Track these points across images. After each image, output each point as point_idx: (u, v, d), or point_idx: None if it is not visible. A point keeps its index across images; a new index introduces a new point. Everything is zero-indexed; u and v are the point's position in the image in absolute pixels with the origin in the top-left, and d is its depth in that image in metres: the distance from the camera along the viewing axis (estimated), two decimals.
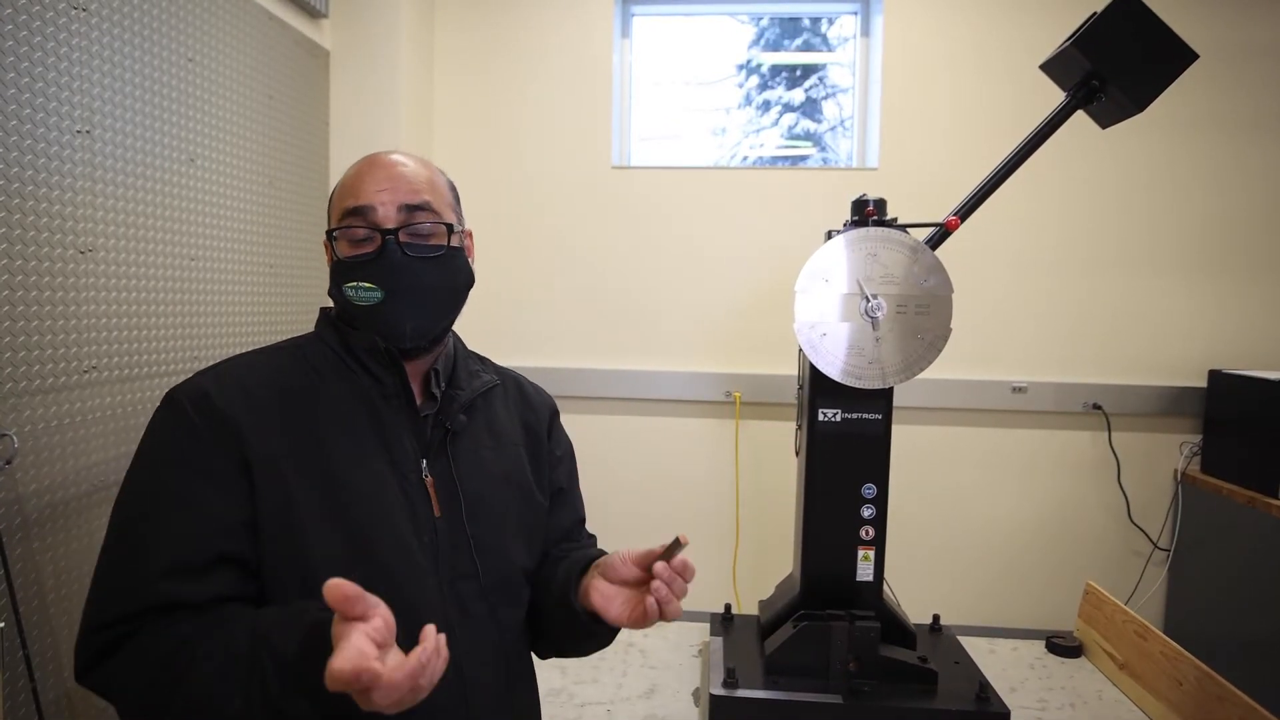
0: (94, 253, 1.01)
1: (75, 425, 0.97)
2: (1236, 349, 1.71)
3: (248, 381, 0.64)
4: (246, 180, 1.34)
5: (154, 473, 0.61)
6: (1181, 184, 1.71)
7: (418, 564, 0.64)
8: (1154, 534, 1.74)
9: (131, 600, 0.57)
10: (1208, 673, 0.93)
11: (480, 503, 0.69)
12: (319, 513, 0.61)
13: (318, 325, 0.72)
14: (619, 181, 1.80)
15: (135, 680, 0.56)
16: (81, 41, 0.98)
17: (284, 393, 0.64)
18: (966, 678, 1.01)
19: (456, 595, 0.66)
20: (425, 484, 0.66)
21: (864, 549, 1.06)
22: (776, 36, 1.94)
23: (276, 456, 0.61)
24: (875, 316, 1.01)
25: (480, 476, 0.70)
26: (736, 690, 0.97)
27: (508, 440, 0.75)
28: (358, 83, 1.62)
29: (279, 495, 0.60)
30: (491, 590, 0.68)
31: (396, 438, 0.66)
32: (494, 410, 0.76)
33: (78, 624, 0.60)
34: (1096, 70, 1.05)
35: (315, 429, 0.63)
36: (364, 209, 0.66)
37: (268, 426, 0.62)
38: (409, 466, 0.66)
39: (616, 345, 1.82)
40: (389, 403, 0.67)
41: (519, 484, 0.74)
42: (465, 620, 0.66)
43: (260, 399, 0.63)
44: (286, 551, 0.60)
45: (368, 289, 0.65)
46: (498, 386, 0.78)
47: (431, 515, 0.66)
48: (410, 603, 0.62)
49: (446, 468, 0.68)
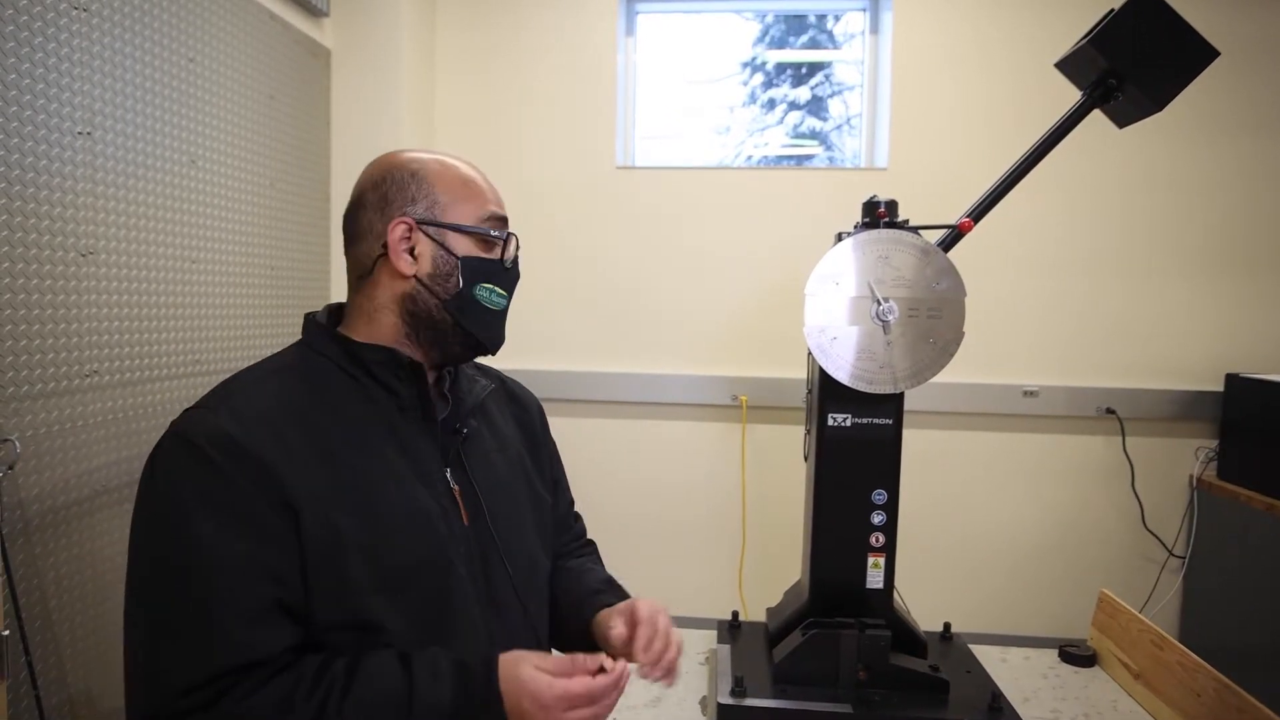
0: (95, 255, 1.00)
1: (77, 429, 0.97)
2: (1254, 352, 1.68)
3: (267, 414, 0.60)
4: (248, 181, 1.33)
5: (190, 527, 0.55)
6: (1198, 184, 1.68)
7: (459, 575, 0.64)
8: (1169, 541, 1.71)
9: (205, 665, 0.53)
10: (1226, 684, 0.91)
11: (499, 506, 0.69)
12: (364, 540, 0.59)
13: (309, 337, 0.68)
14: (623, 182, 1.79)
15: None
16: (82, 42, 0.97)
17: (304, 420, 0.61)
18: (978, 687, 1.00)
19: (493, 599, 0.67)
20: (453, 493, 0.66)
21: (874, 556, 1.05)
22: (782, 33, 1.92)
23: (317, 492, 0.58)
24: (886, 320, 1.00)
25: (494, 480, 0.70)
26: (744, 699, 0.96)
27: (509, 442, 0.76)
28: (359, 82, 1.61)
29: (327, 530, 0.58)
30: (521, 590, 0.69)
31: (418, 450, 0.65)
32: (491, 413, 0.76)
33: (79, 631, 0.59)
34: (1114, 69, 1.03)
35: (343, 454, 0.61)
36: (504, 219, 0.68)
37: (301, 460, 0.58)
38: (435, 477, 0.66)
39: (620, 348, 1.80)
40: (405, 415, 0.65)
41: (526, 484, 0.75)
42: (503, 622, 0.67)
43: (285, 432, 0.59)
44: (340, 588, 0.58)
45: (501, 294, 0.67)
46: (492, 390, 0.78)
47: (462, 524, 0.66)
48: (456, 611, 0.63)
49: (465, 475, 0.68)
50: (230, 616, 0.55)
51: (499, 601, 0.67)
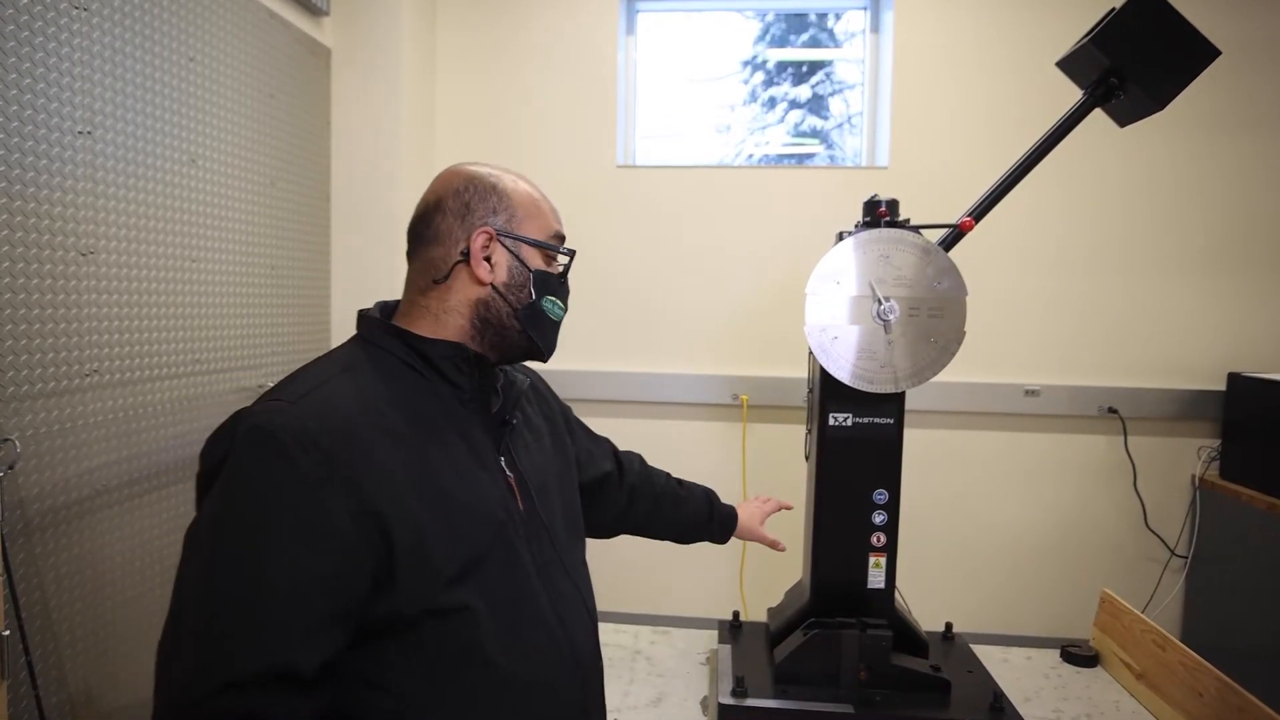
0: (95, 254, 1.00)
1: (77, 429, 0.97)
2: (1257, 351, 1.68)
3: (347, 412, 0.61)
4: (248, 180, 1.33)
5: (262, 527, 0.56)
6: (1201, 182, 1.68)
7: (522, 556, 0.68)
8: (1171, 541, 1.71)
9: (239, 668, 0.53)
10: (1229, 684, 0.91)
11: (544, 491, 0.74)
12: (441, 530, 0.62)
13: (367, 332, 0.70)
14: (624, 181, 1.79)
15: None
16: (82, 41, 0.97)
17: (381, 417, 0.62)
18: (980, 687, 1.00)
19: (550, 580, 0.70)
20: (508, 480, 0.71)
21: (875, 556, 1.05)
22: (783, 32, 1.92)
23: (397, 488, 0.60)
24: (887, 320, 0.99)
25: (536, 467, 0.75)
26: (745, 699, 0.96)
27: (541, 433, 0.81)
28: (360, 81, 1.60)
29: (411, 527, 0.60)
30: (571, 570, 0.74)
31: (479, 440, 0.69)
32: (524, 408, 0.80)
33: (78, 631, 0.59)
34: (1115, 67, 1.03)
35: (416, 448, 0.63)
36: (564, 237, 0.74)
37: (379, 459, 0.60)
38: (493, 465, 0.70)
39: (621, 347, 1.80)
40: (467, 407, 0.69)
41: (559, 471, 0.81)
42: (561, 600, 0.71)
43: (364, 431, 0.60)
44: (422, 577, 0.60)
45: (561, 308, 0.73)
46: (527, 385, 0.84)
47: (519, 508, 0.70)
48: (521, 593, 0.67)
49: (515, 462, 0.73)
50: (281, 625, 0.55)
51: (553, 579, 0.71)
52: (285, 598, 0.55)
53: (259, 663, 0.53)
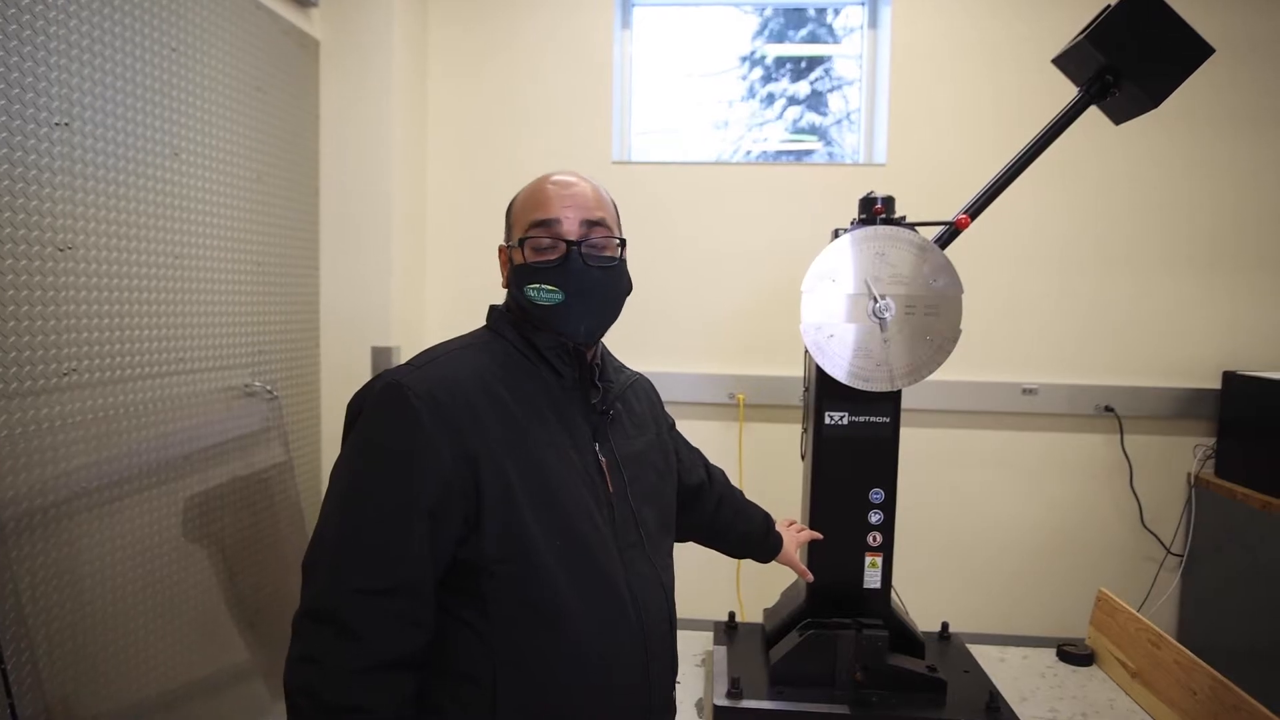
0: (74, 250, 0.97)
1: (54, 430, 0.94)
2: (1252, 350, 1.68)
3: (461, 380, 0.72)
4: (233, 175, 1.30)
5: (385, 463, 0.68)
6: (1196, 181, 1.68)
7: (603, 533, 0.74)
8: (1167, 539, 1.71)
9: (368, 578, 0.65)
10: (1223, 682, 0.91)
11: (637, 479, 0.80)
12: (530, 493, 0.70)
13: (493, 323, 0.82)
14: (619, 177, 1.77)
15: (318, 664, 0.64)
16: (60, 30, 0.94)
17: (488, 389, 0.73)
18: (976, 687, 1.00)
19: (631, 560, 0.76)
20: (600, 463, 0.77)
21: (871, 555, 1.04)
22: (781, 27, 1.91)
23: (495, 448, 0.69)
24: (883, 318, 0.99)
25: (634, 457, 0.81)
26: (741, 701, 0.96)
27: (646, 427, 0.87)
28: (349, 74, 1.58)
29: (501, 481, 0.69)
30: (651, 551, 0.79)
31: (576, 424, 0.76)
32: (630, 402, 0.87)
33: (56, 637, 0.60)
34: (1110, 65, 1.03)
35: (517, 420, 0.72)
36: (550, 221, 0.77)
37: (483, 422, 0.70)
38: (587, 448, 0.77)
39: (616, 346, 1.77)
40: (568, 394, 0.77)
41: (655, 465, 0.86)
42: (640, 584, 0.76)
43: (473, 397, 0.71)
44: (506, 529, 0.69)
45: (550, 291, 0.75)
46: (634, 382, 0.91)
47: (607, 490, 0.77)
48: (600, 567, 0.73)
49: (610, 449, 0.79)
50: (399, 545, 0.66)
51: (634, 560, 0.77)
52: (400, 521, 0.66)
53: (384, 576, 0.65)
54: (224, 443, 1.26)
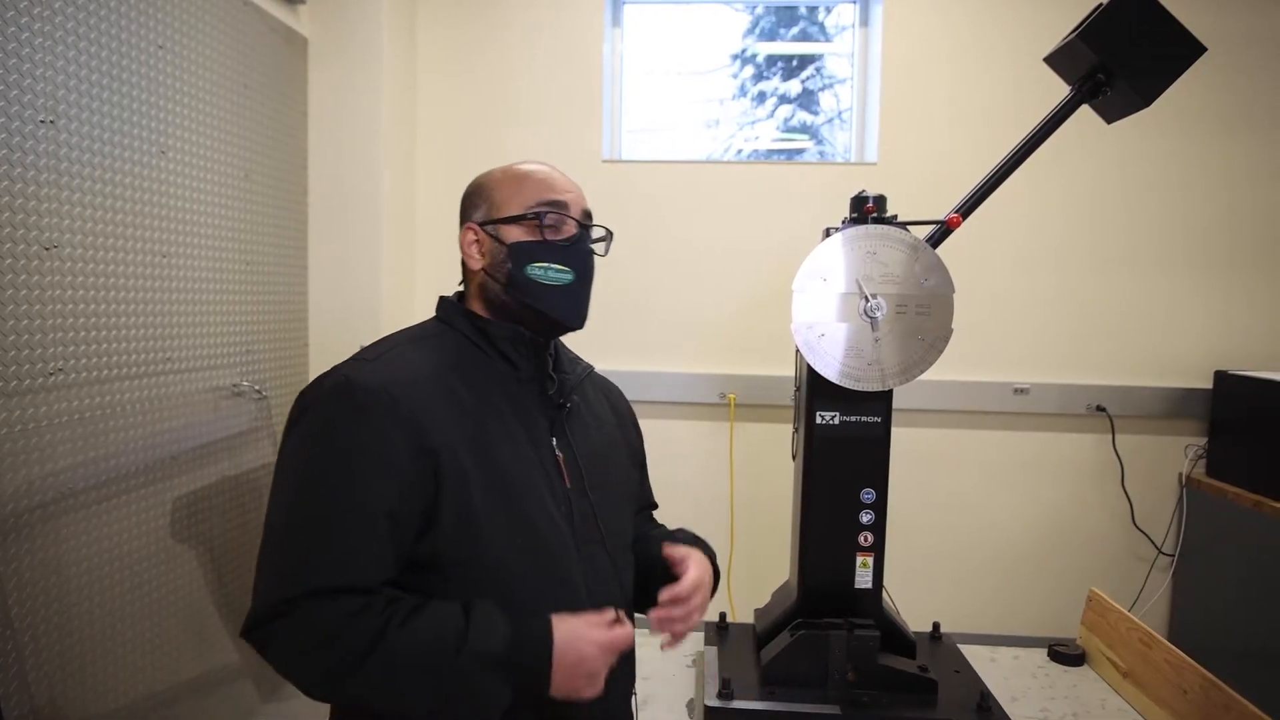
0: (59, 249, 0.96)
1: (40, 430, 0.93)
2: (1243, 350, 1.68)
3: (413, 372, 0.70)
4: (221, 173, 1.29)
5: (335, 460, 0.65)
6: (1187, 181, 1.68)
7: (561, 531, 0.72)
8: (1158, 539, 1.72)
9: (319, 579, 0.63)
10: (1213, 681, 0.91)
11: (596, 474, 0.78)
12: (487, 490, 0.68)
13: (444, 314, 0.78)
14: (609, 175, 1.76)
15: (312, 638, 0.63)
16: (45, 26, 0.93)
17: (441, 382, 0.71)
18: (967, 687, 1.00)
19: (590, 558, 0.74)
20: (557, 458, 0.75)
21: (862, 555, 1.04)
22: (772, 25, 1.90)
23: (452, 443, 0.67)
24: (874, 317, 0.98)
25: (592, 450, 0.79)
26: (732, 701, 0.95)
27: (604, 420, 0.84)
28: (338, 72, 1.57)
29: (457, 476, 0.67)
30: (613, 551, 0.77)
31: (531, 417, 0.74)
32: (588, 394, 0.84)
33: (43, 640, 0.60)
34: (1102, 63, 1.03)
35: (472, 414, 0.70)
36: (563, 203, 0.75)
37: (438, 416, 0.68)
38: (544, 443, 0.74)
39: (606, 345, 1.78)
40: (523, 386, 0.75)
41: (619, 458, 0.84)
42: (598, 581, 0.74)
43: (427, 389, 0.69)
44: (463, 525, 0.67)
45: (560, 270, 0.74)
46: (590, 374, 0.86)
47: (564, 486, 0.74)
48: (559, 566, 0.71)
49: (568, 443, 0.77)
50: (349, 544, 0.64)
51: (593, 557, 0.75)
52: (354, 522, 0.64)
53: (335, 578, 0.63)
54: (212, 443, 1.25)
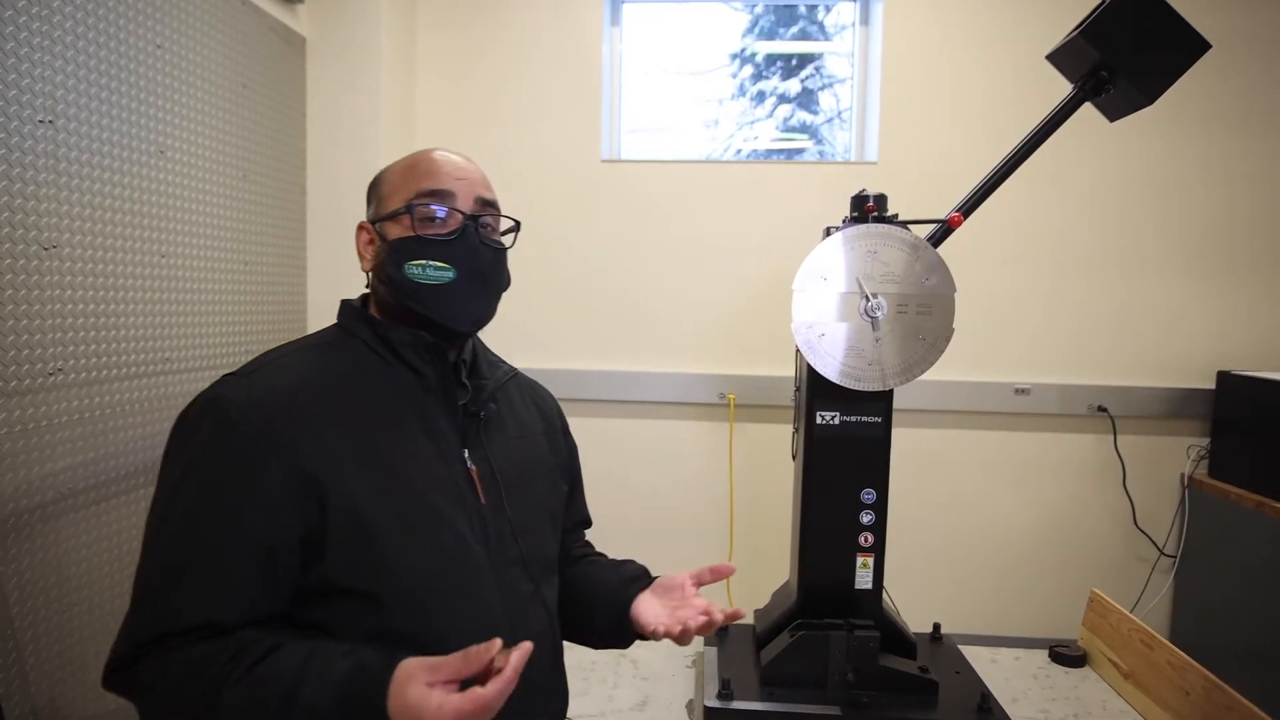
0: (58, 249, 0.96)
1: (40, 430, 0.93)
2: (1246, 349, 1.67)
3: (295, 387, 0.64)
4: (219, 173, 1.29)
5: (197, 490, 0.60)
6: (1189, 180, 1.67)
7: (474, 551, 0.66)
8: (1160, 540, 1.71)
9: (172, 620, 0.58)
10: (1215, 683, 0.91)
11: (516, 488, 0.72)
12: (384, 512, 0.62)
13: (344, 319, 0.72)
14: (609, 175, 1.76)
15: (161, 688, 0.57)
16: (43, 25, 0.93)
17: (331, 395, 0.65)
18: (968, 688, 1.00)
19: (507, 579, 0.69)
20: (470, 473, 0.69)
21: (863, 556, 1.04)
22: (771, 24, 1.90)
23: (339, 463, 0.61)
24: (875, 316, 0.98)
25: (512, 463, 0.73)
26: (731, 702, 0.95)
27: (529, 429, 0.79)
28: (336, 71, 1.56)
29: (348, 501, 0.61)
30: (535, 572, 0.72)
31: (440, 430, 0.68)
32: (513, 400, 0.79)
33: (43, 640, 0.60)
34: (1105, 61, 1.02)
35: (367, 429, 0.64)
36: (444, 193, 0.68)
37: (323, 434, 0.62)
38: (454, 456, 0.68)
39: (606, 346, 1.78)
40: (430, 395, 0.69)
41: (544, 470, 0.78)
42: (517, 602, 0.69)
43: (309, 405, 0.63)
44: (357, 551, 0.61)
45: (439, 268, 0.67)
46: (514, 378, 0.81)
47: (478, 503, 0.69)
48: (472, 589, 0.65)
49: (484, 455, 0.71)
50: (212, 583, 0.58)
51: (511, 578, 0.69)
52: (219, 558, 0.58)
53: (190, 618, 0.57)
54: None
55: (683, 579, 0.75)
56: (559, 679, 0.76)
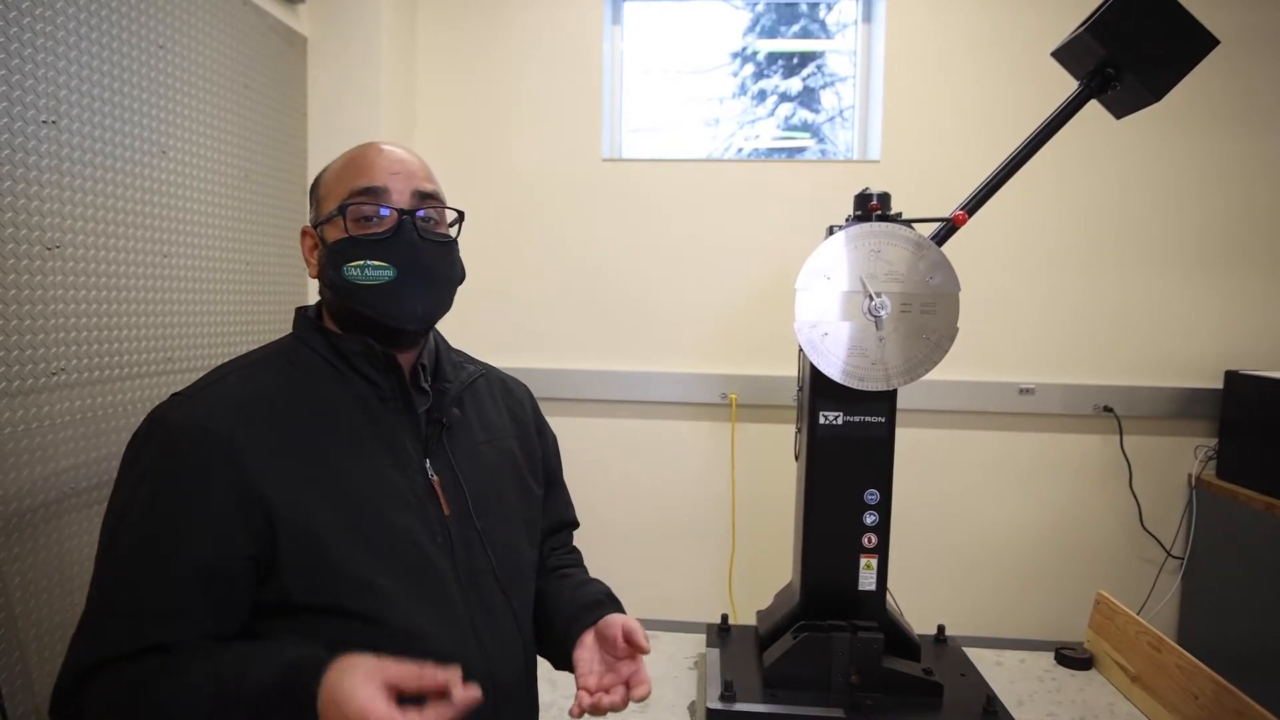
0: (61, 249, 0.97)
1: (43, 430, 0.93)
2: (1254, 349, 1.66)
3: (243, 403, 0.62)
4: (221, 173, 1.30)
5: (139, 514, 0.59)
6: (1198, 178, 1.66)
7: (437, 566, 0.64)
8: (1167, 541, 1.70)
9: (114, 645, 0.57)
10: (1225, 686, 0.90)
11: (484, 497, 0.70)
12: (339, 528, 0.61)
13: (298, 329, 0.71)
14: (610, 174, 1.76)
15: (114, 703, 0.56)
16: (46, 26, 0.94)
17: (280, 411, 0.63)
18: (973, 690, 0.99)
19: (476, 590, 0.67)
20: (432, 484, 0.67)
21: (866, 557, 1.03)
22: (773, 23, 1.89)
23: (289, 482, 0.60)
24: (879, 315, 0.97)
25: (479, 470, 0.71)
26: (734, 704, 0.94)
27: (499, 432, 0.76)
28: (337, 71, 1.57)
29: (300, 520, 0.59)
30: (506, 583, 0.70)
31: (398, 441, 0.66)
32: (482, 402, 0.76)
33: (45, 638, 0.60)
34: (1111, 57, 1.01)
35: (319, 443, 0.63)
36: (378, 189, 0.66)
37: (272, 450, 0.61)
38: (414, 468, 0.66)
39: (607, 345, 1.78)
40: (386, 406, 0.67)
41: (515, 475, 0.75)
42: (486, 614, 0.67)
43: (259, 421, 0.61)
44: (312, 569, 0.60)
45: (378, 267, 0.64)
46: (482, 377, 0.78)
47: (442, 514, 0.66)
48: (437, 602, 0.63)
49: (448, 464, 0.69)
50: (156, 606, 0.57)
51: (480, 590, 0.67)
52: (161, 581, 0.57)
53: (132, 642, 0.56)
54: None
55: (615, 631, 0.67)
56: (529, 689, 0.74)
